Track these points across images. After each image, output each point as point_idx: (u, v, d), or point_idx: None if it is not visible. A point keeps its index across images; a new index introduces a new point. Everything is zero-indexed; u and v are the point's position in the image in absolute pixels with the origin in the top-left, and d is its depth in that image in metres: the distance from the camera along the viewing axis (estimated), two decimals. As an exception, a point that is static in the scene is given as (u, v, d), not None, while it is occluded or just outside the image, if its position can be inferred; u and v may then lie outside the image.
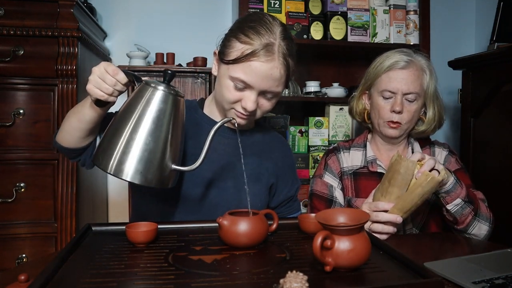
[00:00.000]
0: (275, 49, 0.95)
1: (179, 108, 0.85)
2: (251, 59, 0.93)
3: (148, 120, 0.81)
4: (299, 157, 1.97)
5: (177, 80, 1.94)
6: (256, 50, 0.93)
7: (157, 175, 0.81)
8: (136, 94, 0.83)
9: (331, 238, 0.65)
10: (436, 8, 2.29)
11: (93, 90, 0.86)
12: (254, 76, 0.94)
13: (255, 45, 0.94)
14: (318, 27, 1.93)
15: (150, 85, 0.83)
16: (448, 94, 2.42)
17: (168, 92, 0.83)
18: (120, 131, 0.81)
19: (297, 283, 0.54)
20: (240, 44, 0.95)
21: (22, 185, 1.53)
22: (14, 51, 1.52)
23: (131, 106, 0.82)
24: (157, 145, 0.81)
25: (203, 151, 0.85)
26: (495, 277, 0.72)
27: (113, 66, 0.87)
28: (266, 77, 0.95)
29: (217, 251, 0.78)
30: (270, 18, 1.00)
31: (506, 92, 1.69)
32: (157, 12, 2.15)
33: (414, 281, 0.62)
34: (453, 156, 1.29)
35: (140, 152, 0.80)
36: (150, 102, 0.81)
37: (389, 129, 1.22)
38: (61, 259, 0.69)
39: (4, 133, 1.52)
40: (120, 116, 0.83)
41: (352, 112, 1.37)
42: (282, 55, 0.96)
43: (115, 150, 0.80)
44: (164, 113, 0.82)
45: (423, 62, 1.24)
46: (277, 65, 0.95)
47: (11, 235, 1.52)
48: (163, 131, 0.82)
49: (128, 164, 0.79)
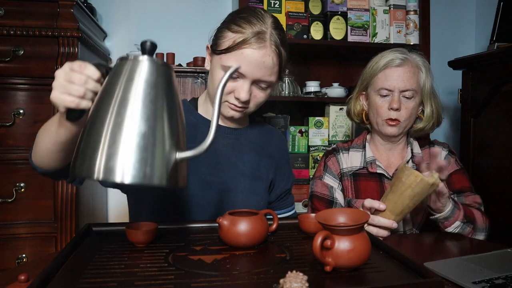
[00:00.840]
0: (267, 36, 0.95)
1: (171, 79, 0.67)
2: (243, 47, 0.93)
3: (135, 100, 0.62)
4: (299, 157, 1.96)
5: (177, 80, 1.94)
6: (247, 38, 0.94)
7: (160, 168, 0.62)
8: (113, 75, 0.65)
9: (331, 238, 0.65)
10: (436, 8, 2.29)
11: (60, 97, 0.70)
12: (246, 64, 0.94)
13: (247, 33, 0.94)
14: (318, 27, 1.93)
15: (128, 59, 0.66)
16: (448, 94, 2.42)
17: (153, 62, 0.65)
18: (101, 122, 0.61)
19: (297, 283, 0.54)
20: (231, 34, 0.96)
21: (22, 185, 1.53)
22: (14, 51, 1.52)
23: (109, 89, 0.64)
24: (153, 129, 0.62)
25: (213, 124, 0.66)
26: (495, 277, 0.72)
27: (79, 61, 0.71)
28: (258, 65, 0.95)
29: (217, 251, 0.78)
30: (261, 10, 1.01)
31: (506, 92, 1.69)
32: (157, 12, 2.15)
33: (414, 281, 0.62)
34: (453, 156, 1.29)
35: (132, 142, 0.60)
36: (133, 78, 0.63)
37: (388, 127, 1.22)
38: (61, 259, 0.69)
39: (4, 133, 1.52)
40: (97, 105, 0.64)
41: (350, 113, 1.38)
42: (274, 43, 0.96)
43: (98, 148, 0.60)
44: (154, 88, 0.64)
45: (418, 60, 1.25)
46: (269, 53, 0.95)
47: (11, 235, 1.52)
48: (158, 110, 0.63)
49: (119, 161, 0.59)
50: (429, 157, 1.26)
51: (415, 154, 1.27)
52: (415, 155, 1.27)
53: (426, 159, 1.26)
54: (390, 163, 1.29)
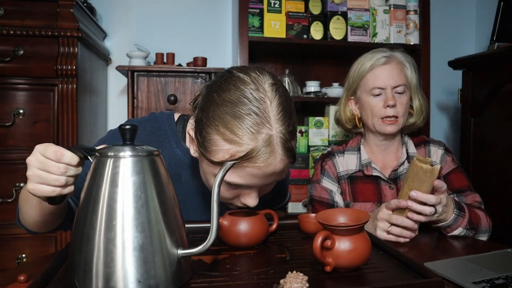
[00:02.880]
0: (274, 141, 0.72)
1: (158, 166, 0.61)
2: (244, 164, 0.72)
3: (123, 206, 0.56)
4: (299, 157, 1.96)
5: (177, 80, 1.94)
6: (250, 154, 0.71)
7: (165, 276, 0.58)
8: (93, 178, 0.59)
9: (331, 238, 0.65)
10: (436, 8, 2.29)
11: (38, 189, 0.63)
12: (252, 179, 0.75)
13: (247, 145, 0.71)
14: (318, 27, 1.92)
15: (108, 156, 0.59)
16: (448, 94, 2.42)
17: (137, 157, 0.59)
18: (90, 237, 0.56)
19: (297, 283, 0.54)
20: (224, 143, 0.73)
21: (22, 185, 1.52)
22: (14, 51, 1.52)
23: (94, 197, 0.57)
24: (150, 238, 0.57)
25: (213, 225, 0.62)
26: (495, 277, 0.72)
27: (52, 146, 0.64)
28: (267, 176, 0.76)
29: (217, 251, 0.78)
30: (252, 86, 0.74)
31: (506, 92, 1.69)
32: (157, 12, 2.15)
33: (414, 281, 0.62)
34: (449, 154, 1.27)
35: (128, 255, 0.55)
36: (118, 183, 0.57)
37: (387, 126, 1.22)
38: (61, 259, 0.69)
39: (4, 133, 1.52)
40: (81, 215, 0.58)
41: (341, 121, 1.36)
42: (283, 145, 0.73)
43: (92, 266, 0.55)
44: (143, 186, 0.58)
45: (401, 56, 1.27)
46: (279, 159, 0.74)
47: (11, 235, 1.52)
48: (152, 212, 0.58)
49: (117, 278, 0.55)
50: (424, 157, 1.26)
51: (410, 154, 1.27)
52: (411, 155, 1.26)
53: None
54: (386, 164, 1.28)
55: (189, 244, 0.64)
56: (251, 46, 1.83)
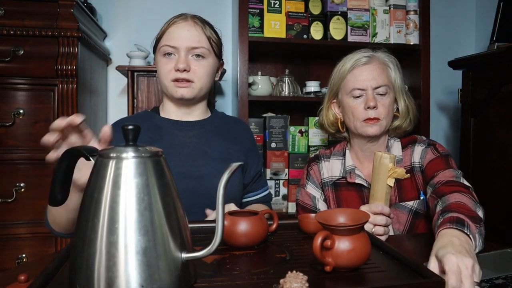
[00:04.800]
0: (187, 15, 1.17)
1: (163, 170, 0.60)
2: (168, 29, 1.14)
3: (126, 208, 0.55)
4: (299, 157, 1.97)
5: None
6: (171, 21, 1.15)
7: (169, 279, 0.57)
8: (95, 179, 0.57)
9: (331, 238, 0.65)
10: (436, 8, 2.29)
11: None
12: (174, 37, 1.12)
13: (170, 19, 1.17)
14: (318, 27, 1.93)
15: (110, 157, 0.57)
16: (448, 94, 2.43)
17: (140, 157, 0.58)
18: (92, 241, 0.55)
19: (297, 283, 0.54)
20: (160, 32, 1.18)
21: (22, 185, 1.53)
22: (14, 51, 1.52)
23: (94, 198, 0.56)
24: (153, 241, 0.56)
25: (218, 227, 0.61)
26: (495, 277, 0.72)
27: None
28: (183, 34, 1.12)
29: (217, 251, 0.77)
30: None
31: (506, 92, 1.69)
32: (157, 12, 2.15)
33: (414, 281, 0.62)
34: (430, 146, 1.19)
35: (131, 258, 0.54)
36: (120, 185, 0.56)
37: (369, 127, 1.17)
38: (61, 259, 0.69)
39: (4, 133, 1.52)
40: (83, 218, 0.57)
41: (324, 125, 1.33)
42: (194, 17, 1.17)
43: (93, 270, 0.54)
44: (146, 188, 0.56)
45: (384, 56, 1.22)
46: (190, 23, 1.14)
47: (11, 235, 1.52)
48: (155, 215, 0.56)
49: (120, 283, 0.54)
50: (409, 158, 1.21)
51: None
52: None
53: (405, 161, 1.21)
54: (371, 171, 1.24)
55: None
56: (251, 46, 1.83)
